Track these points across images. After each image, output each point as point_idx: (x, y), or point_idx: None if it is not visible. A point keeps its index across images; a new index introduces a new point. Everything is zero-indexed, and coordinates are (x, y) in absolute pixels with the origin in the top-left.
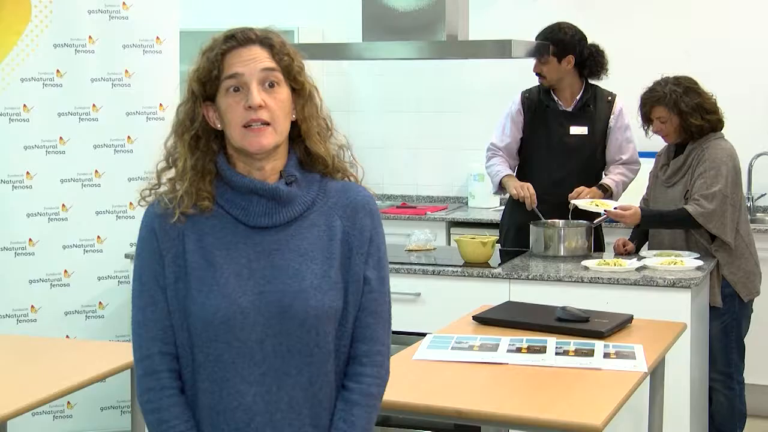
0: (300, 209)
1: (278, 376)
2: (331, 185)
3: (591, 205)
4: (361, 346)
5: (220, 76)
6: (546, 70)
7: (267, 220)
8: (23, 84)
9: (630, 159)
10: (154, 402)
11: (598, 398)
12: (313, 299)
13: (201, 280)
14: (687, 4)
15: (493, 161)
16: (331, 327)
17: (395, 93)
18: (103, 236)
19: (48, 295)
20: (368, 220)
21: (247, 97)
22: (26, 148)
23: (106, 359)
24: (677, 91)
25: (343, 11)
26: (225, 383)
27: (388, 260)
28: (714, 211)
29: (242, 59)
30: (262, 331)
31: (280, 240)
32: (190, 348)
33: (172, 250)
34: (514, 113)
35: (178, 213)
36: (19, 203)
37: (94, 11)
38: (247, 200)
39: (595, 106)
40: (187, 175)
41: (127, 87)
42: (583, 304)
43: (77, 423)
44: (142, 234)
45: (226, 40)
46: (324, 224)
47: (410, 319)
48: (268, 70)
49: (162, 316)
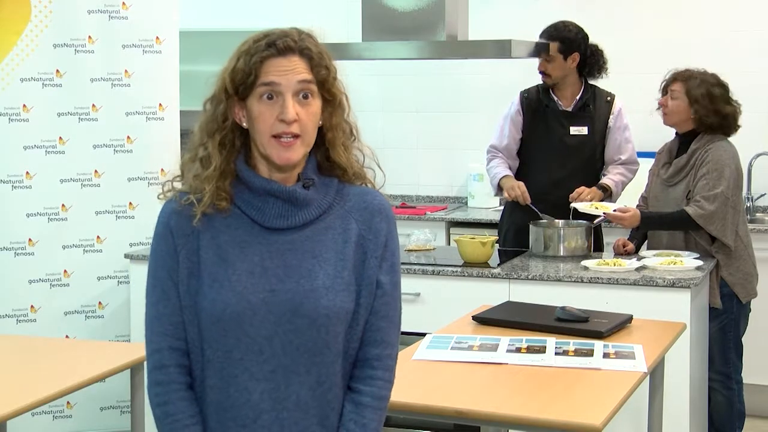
0: (316, 213)
1: (286, 374)
2: (348, 189)
3: (591, 208)
4: (372, 350)
5: (255, 82)
6: (551, 68)
7: (282, 221)
8: (23, 84)
9: (629, 159)
10: (162, 395)
11: (597, 398)
12: (325, 299)
13: (213, 276)
14: (687, 4)
15: (493, 163)
16: (341, 328)
17: (395, 93)
18: (103, 236)
19: (48, 295)
20: (384, 225)
21: (282, 109)
22: (26, 148)
23: (105, 359)
24: (701, 78)
25: (343, 11)
26: (233, 380)
27: None
28: (715, 213)
29: (280, 68)
30: (271, 329)
31: (294, 241)
32: (200, 344)
33: (187, 246)
34: (513, 114)
35: (199, 213)
36: (18, 203)
37: (93, 11)
38: (263, 201)
39: (595, 106)
40: (215, 175)
41: (127, 87)
42: (582, 304)
43: (77, 423)
44: (158, 230)
45: (267, 47)
46: (340, 227)
47: (410, 319)
48: (304, 82)
49: (174, 312)
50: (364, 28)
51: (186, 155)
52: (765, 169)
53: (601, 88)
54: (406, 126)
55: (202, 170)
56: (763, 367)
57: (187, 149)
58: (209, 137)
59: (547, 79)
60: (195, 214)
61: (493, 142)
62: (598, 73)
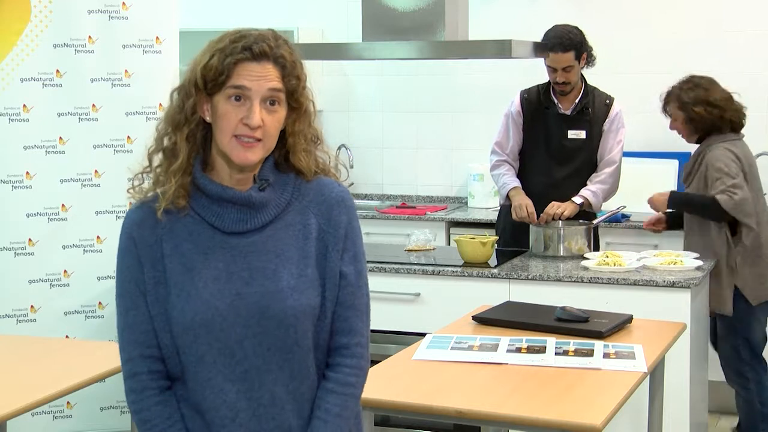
0: (274, 212)
1: (259, 373)
2: (305, 183)
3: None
4: (340, 339)
5: (226, 82)
6: (572, 76)
7: (242, 225)
8: (23, 84)
9: (610, 159)
10: (137, 403)
11: (597, 398)
12: (290, 299)
13: (180, 286)
14: (687, 4)
15: (500, 170)
16: (309, 324)
17: (395, 93)
18: (103, 236)
19: (47, 295)
20: (344, 216)
21: (248, 113)
22: (26, 148)
23: (105, 359)
24: (683, 87)
25: (343, 11)
26: (208, 382)
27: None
28: (744, 199)
29: (253, 73)
30: (241, 332)
31: (256, 242)
32: (175, 349)
33: (151, 256)
34: (514, 114)
35: (162, 206)
36: (18, 203)
37: (93, 11)
38: (221, 207)
39: (593, 110)
40: (182, 168)
41: (127, 87)
42: (582, 304)
43: (77, 423)
44: (121, 242)
45: (243, 50)
46: (299, 223)
47: (410, 319)
48: (274, 90)
49: (143, 320)
50: (364, 28)
51: (151, 146)
52: (765, 169)
53: (601, 91)
54: (406, 126)
55: (167, 162)
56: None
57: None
58: (176, 129)
59: (565, 87)
60: (159, 207)
61: (498, 139)
62: (591, 63)
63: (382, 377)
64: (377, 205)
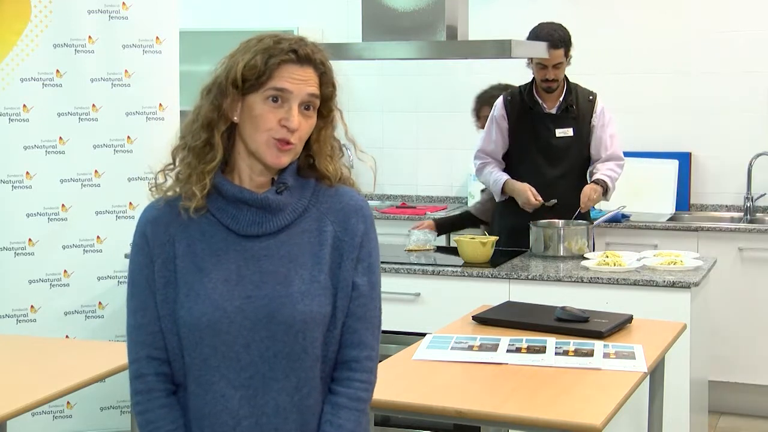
0: (291, 217)
1: (264, 380)
2: (325, 190)
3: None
4: (350, 352)
5: (266, 83)
6: (560, 74)
7: (257, 228)
8: (23, 84)
9: (614, 154)
10: (142, 404)
11: (597, 398)
12: (301, 304)
13: (189, 286)
14: (686, 3)
15: (488, 169)
16: (318, 332)
17: (395, 93)
18: (103, 236)
19: (48, 295)
20: (361, 226)
21: (287, 116)
22: (26, 148)
23: (105, 359)
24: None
25: (343, 11)
26: (211, 387)
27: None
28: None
29: (295, 76)
30: (248, 336)
31: (270, 246)
32: (180, 351)
33: (162, 255)
34: (497, 118)
35: (193, 207)
36: (18, 203)
37: (93, 11)
38: (237, 209)
39: (578, 107)
40: (214, 168)
41: (127, 87)
42: (582, 304)
43: (77, 423)
44: (135, 239)
45: (288, 52)
46: (315, 230)
47: (410, 319)
48: (312, 96)
49: (152, 321)
50: (364, 28)
51: (178, 143)
52: (765, 169)
53: (583, 87)
54: (406, 126)
55: (196, 161)
56: (764, 367)
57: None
58: (210, 128)
59: (551, 84)
60: (189, 206)
61: (482, 146)
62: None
63: (382, 377)
64: (377, 205)
